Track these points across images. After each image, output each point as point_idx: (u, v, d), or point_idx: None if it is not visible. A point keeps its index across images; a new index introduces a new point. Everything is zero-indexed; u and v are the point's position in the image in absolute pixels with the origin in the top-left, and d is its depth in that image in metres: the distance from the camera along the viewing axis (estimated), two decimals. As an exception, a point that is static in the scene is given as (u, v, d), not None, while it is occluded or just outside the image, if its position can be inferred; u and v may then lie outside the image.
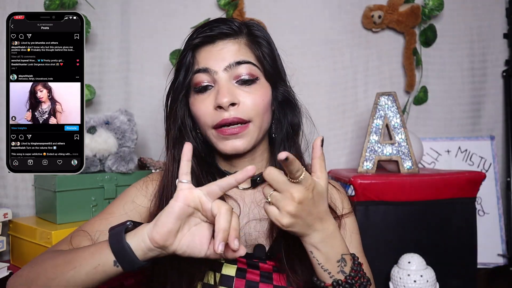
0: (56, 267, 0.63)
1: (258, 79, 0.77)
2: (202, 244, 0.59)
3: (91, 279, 0.60)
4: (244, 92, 0.75)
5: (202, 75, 0.76)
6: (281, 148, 0.82)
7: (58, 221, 1.10)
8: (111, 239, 0.60)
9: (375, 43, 1.63)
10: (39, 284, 0.63)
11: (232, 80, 0.76)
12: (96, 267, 0.60)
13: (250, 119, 0.75)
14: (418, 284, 1.10)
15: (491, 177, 1.57)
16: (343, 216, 0.82)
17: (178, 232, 0.58)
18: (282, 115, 0.83)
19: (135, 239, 0.59)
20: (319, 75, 1.58)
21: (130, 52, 1.47)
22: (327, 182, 0.65)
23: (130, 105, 1.46)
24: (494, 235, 1.53)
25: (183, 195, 0.58)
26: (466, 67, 1.66)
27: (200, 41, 0.77)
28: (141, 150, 1.46)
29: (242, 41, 0.78)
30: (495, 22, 1.67)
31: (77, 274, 0.60)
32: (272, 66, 0.80)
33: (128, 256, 0.58)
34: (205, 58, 0.77)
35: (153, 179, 0.84)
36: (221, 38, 0.77)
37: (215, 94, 0.75)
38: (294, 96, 0.84)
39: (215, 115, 0.75)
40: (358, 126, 1.61)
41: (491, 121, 1.67)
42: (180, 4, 1.51)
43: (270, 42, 0.82)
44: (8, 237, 1.19)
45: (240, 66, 0.75)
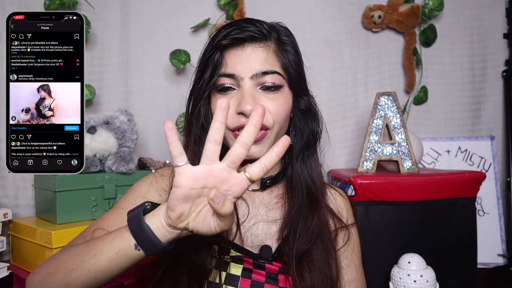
0: (76, 256, 0.61)
1: (282, 87, 0.77)
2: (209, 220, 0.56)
3: (113, 266, 0.58)
4: (267, 99, 0.75)
5: (228, 79, 0.75)
6: (299, 156, 0.80)
7: (58, 221, 1.10)
8: (130, 221, 0.58)
9: (375, 43, 1.63)
10: (59, 276, 0.61)
11: (256, 86, 0.75)
12: (117, 252, 0.58)
13: (269, 126, 0.74)
14: (418, 284, 1.10)
15: (491, 177, 1.57)
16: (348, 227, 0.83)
17: (192, 212, 0.55)
18: (303, 123, 0.81)
19: (153, 220, 0.56)
20: (319, 75, 1.58)
21: (130, 52, 1.47)
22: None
23: (130, 105, 1.46)
24: (494, 235, 1.53)
25: (183, 180, 0.53)
26: (466, 67, 1.66)
27: (229, 43, 0.76)
28: (141, 150, 1.46)
29: (270, 47, 0.76)
30: (495, 22, 1.67)
31: (98, 261, 0.58)
32: (297, 74, 0.79)
33: (148, 238, 0.56)
34: (233, 62, 0.75)
35: (163, 174, 0.83)
36: (250, 42, 0.76)
37: (237, 98, 0.74)
38: (316, 104, 0.83)
39: (236, 119, 0.74)
40: (358, 126, 1.61)
41: (491, 121, 1.67)
42: (180, 4, 1.51)
43: (297, 48, 0.81)
44: (8, 237, 1.19)
45: (266, 76, 0.74)
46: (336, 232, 0.81)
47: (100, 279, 0.60)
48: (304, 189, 0.78)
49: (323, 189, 0.82)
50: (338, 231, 0.81)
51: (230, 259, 0.73)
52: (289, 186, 0.81)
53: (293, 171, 0.80)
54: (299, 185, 0.79)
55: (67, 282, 0.60)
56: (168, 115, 1.49)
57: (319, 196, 0.78)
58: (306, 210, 0.76)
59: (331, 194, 0.86)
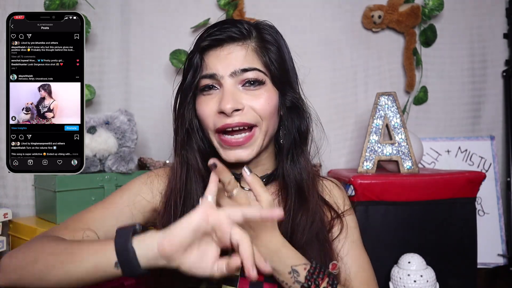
0: (57, 255, 0.62)
1: (264, 83, 0.76)
2: (207, 263, 0.57)
3: (90, 277, 0.60)
4: (249, 96, 0.75)
5: (208, 80, 0.76)
6: (288, 156, 0.80)
7: (58, 221, 1.10)
8: (118, 238, 0.59)
9: (375, 43, 1.63)
10: (36, 268, 0.62)
11: (237, 84, 0.75)
12: (97, 265, 0.59)
13: (255, 123, 0.74)
14: (418, 284, 1.10)
15: (491, 177, 1.57)
16: (344, 214, 0.82)
17: (189, 247, 0.56)
18: (290, 121, 0.81)
19: (141, 245, 0.57)
20: (319, 75, 1.58)
21: (130, 52, 1.47)
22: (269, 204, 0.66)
23: (130, 105, 1.46)
24: (494, 235, 1.53)
25: (204, 211, 0.56)
26: (466, 67, 1.66)
27: (208, 44, 0.76)
28: (141, 150, 1.45)
29: (250, 46, 0.76)
30: (495, 22, 1.67)
31: (78, 268, 0.60)
32: (280, 71, 0.78)
33: (130, 260, 0.57)
34: (212, 62, 0.76)
35: (158, 174, 0.83)
36: (229, 42, 0.76)
37: (219, 98, 0.74)
38: (302, 102, 0.82)
39: (218, 119, 0.74)
40: (358, 126, 1.61)
41: (491, 121, 1.67)
42: (180, 4, 1.51)
43: (281, 46, 0.80)
44: (8, 237, 1.19)
45: (246, 73, 0.74)
46: (332, 223, 0.80)
47: (74, 284, 0.61)
48: (294, 188, 0.78)
49: (315, 187, 0.81)
50: (334, 221, 0.81)
51: None
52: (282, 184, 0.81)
53: (284, 171, 0.80)
54: (290, 184, 0.79)
55: (42, 277, 0.61)
56: (168, 115, 1.49)
57: (310, 195, 0.78)
58: (297, 208, 0.76)
59: (326, 187, 0.86)
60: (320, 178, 0.87)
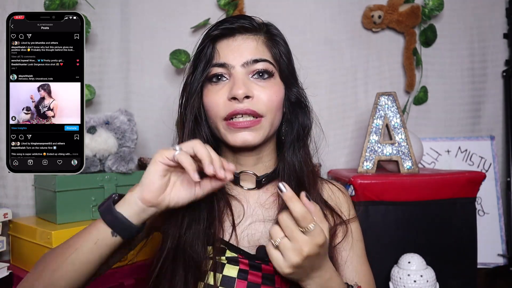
0: (58, 256, 0.64)
1: (274, 75, 0.78)
2: (188, 189, 0.64)
3: (95, 255, 0.63)
4: (259, 87, 0.76)
5: (219, 69, 0.77)
6: (290, 148, 0.81)
7: (58, 221, 1.09)
8: (103, 214, 0.63)
9: (375, 43, 1.63)
10: (44, 279, 0.63)
11: (248, 75, 0.76)
12: (96, 242, 0.62)
13: (263, 114, 0.75)
14: (418, 284, 1.10)
15: (491, 177, 1.57)
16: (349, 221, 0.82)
17: (166, 186, 0.63)
18: (293, 116, 0.82)
19: (125, 207, 0.62)
20: (319, 75, 1.58)
21: (130, 52, 1.47)
22: (327, 232, 0.66)
23: (130, 105, 1.46)
24: (494, 235, 1.53)
25: (160, 153, 0.62)
26: (466, 67, 1.66)
27: (220, 33, 0.77)
28: (141, 150, 1.45)
29: (260, 38, 0.79)
30: (495, 22, 1.67)
31: (80, 254, 0.63)
32: (288, 66, 0.81)
33: (123, 224, 0.62)
34: (224, 52, 0.77)
35: None
36: (241, 32, 0.78)
37: (230, 86, 0.75)
38: (306, 97, 0.84)
39: (228, 106, 0.74)
40: (358, 126, 1.61)
41: (491, 121, 1.67)
42: (180, 4, 1.50)
43: (286, 43, 0.83)
44: (8, 237, 1.19)
45: (257, 64, 0.76)
46: (335, 228, 0.80)
47: (84, 271, 0.63)
48: (294, 182, 0.78)
49: (314, 178, 0.82)
50: (338, 227, 0.80)
51: (226, 260, 0.72)
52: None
53: (284, 164, 0.80)
54: (289, 179, 0.79)
55: (52, 282, 0.63)
56: (168, 115, 1.49)
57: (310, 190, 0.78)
58: None
59: (331, 190, 0.86)
60: (324, 181, 0.87)
